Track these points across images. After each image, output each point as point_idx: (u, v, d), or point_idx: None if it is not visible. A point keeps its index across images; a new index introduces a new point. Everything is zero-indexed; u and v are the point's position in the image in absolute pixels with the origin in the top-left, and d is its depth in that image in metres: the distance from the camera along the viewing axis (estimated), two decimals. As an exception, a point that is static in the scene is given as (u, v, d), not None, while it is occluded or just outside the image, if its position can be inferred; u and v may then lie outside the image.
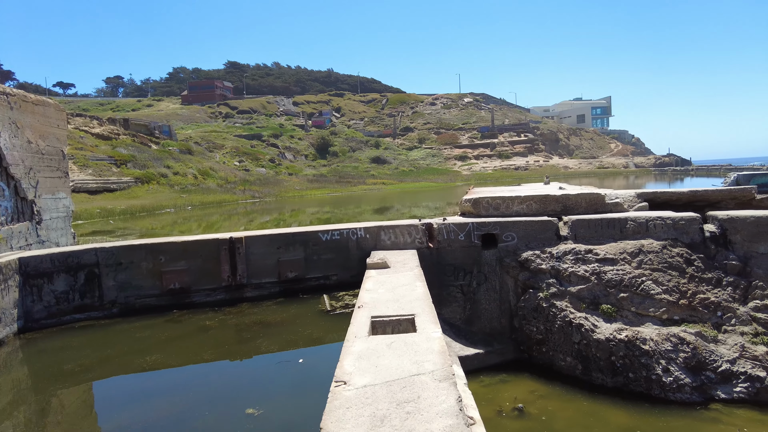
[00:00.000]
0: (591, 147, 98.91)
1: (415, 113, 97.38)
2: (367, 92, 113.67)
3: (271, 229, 8.23)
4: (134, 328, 6.32)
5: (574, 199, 8.26)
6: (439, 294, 7.72)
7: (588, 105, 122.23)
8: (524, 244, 7.69)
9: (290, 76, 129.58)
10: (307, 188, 55.70)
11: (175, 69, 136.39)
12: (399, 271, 6.12)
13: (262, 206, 40.27)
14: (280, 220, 29.92)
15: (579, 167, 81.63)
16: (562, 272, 7.21)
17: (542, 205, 8.31)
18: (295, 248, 7.73)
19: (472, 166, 76.33)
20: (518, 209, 8.36)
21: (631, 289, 6.86)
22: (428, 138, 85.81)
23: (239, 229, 26.09)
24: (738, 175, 16.92)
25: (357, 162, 73.97)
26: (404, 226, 7.96)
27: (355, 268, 7.88)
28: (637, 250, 7.19)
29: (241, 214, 35.34)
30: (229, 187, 53.34)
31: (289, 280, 7.69)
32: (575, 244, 7.47)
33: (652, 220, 7.44)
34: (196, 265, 7.49)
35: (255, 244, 7.61)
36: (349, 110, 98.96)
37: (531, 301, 7.28)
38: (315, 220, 28.87)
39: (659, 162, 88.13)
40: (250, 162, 69.14)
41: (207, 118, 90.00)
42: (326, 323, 6.23)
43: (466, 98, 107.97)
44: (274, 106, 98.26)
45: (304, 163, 73.78)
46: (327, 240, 7.82)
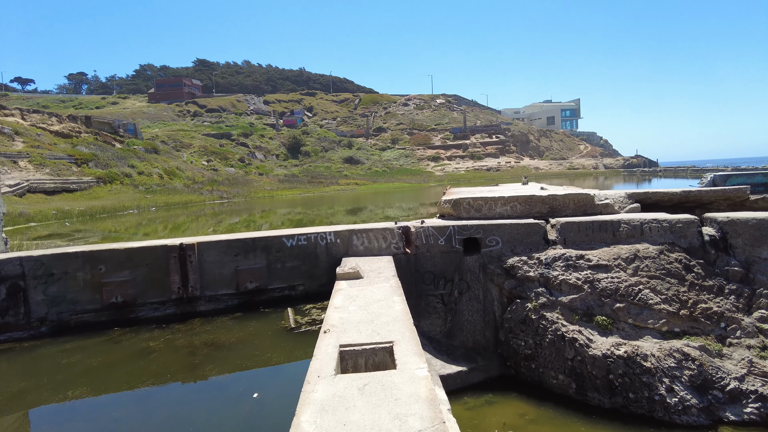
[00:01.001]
0: (561, 148, 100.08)
1: (387, 114, 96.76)
2: (339, 92, 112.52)
3: (229, 233, 7.34)
4: (62, 352, 5.36)
5: (561, 200, 7.63)
6: (418, 304, 6.98)
7: (558, 107, 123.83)
8: (510, 249, 7.01)
9: (261, 75, 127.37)
10: (277, 188, 54.43)
11: (142, 66, 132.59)
12: (373, 283, 5.35)
13: (231, 207, 38.95)
14: (250, 221, 28.79)
15: (550, 168, 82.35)
16: (551, 280, 6.55)
17: (527, 206, 7.65)
18: (255, 255, 6.87)
19: (444, 167, 76.12)
20: (502, 211, 7.68)
21: (628, 298, 6.24)
22: (401, 138, 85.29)
23: (207, 230, 24.93)
24: (714, 175, 16.56)
25: (329, 162, 72.89)
26: (379, 230, 7.19)
27: (323, 276, 7.07)
28: (633, 255, 6.59)
29: (209, 215, 34.01)
30: (196, 187, 51.67)
31: (248, 291, 6.83)
32: (565, 249, 6.82)
33: (647, 223, 6.85)
34: (141, 276, 6.55)
35: (209, 251, 6.73)
36: (322, 110, 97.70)
37: (518, 312, 6.60)
38: (286, 221, 27.86)
39: (627, 163, 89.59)
40: (219, 161, 67.39)
41: (174, 117, 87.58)
42: (289, 344, 5.40)
43: (439, 99, 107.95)
44: (245, 104, 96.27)
45: (275, 163, 72.32)
46: (292, 246, 6.98)
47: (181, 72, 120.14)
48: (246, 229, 25.04)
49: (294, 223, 26.24)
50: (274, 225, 26.20)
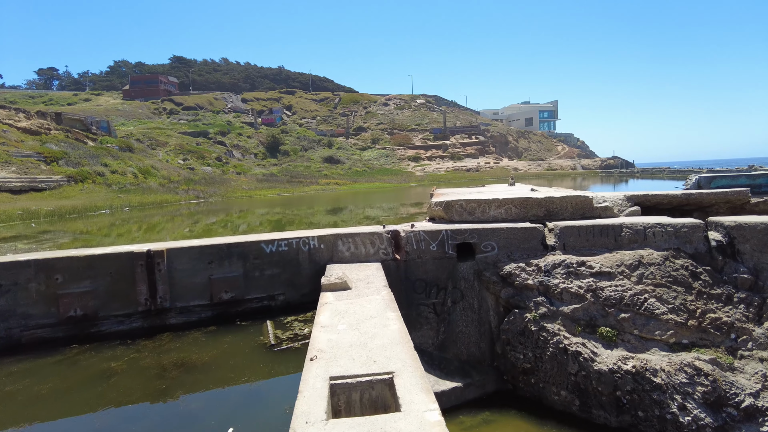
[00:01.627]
0: (539, 149, 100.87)
1: (368, 113, 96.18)
2: (319, 91, 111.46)
3: (202, 238, 6.73)
4: (7, 376, 4.69)
5: (558, 203, 7.22)
6: (408, 314, 6.48)
7: (536, 108, 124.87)
8: (506, 254, 6.56)
9: (239, 73, 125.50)
10: (255, 188, 53.44)
11: (116, 62, 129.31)
12: (363, 294, 4.83)
13: (207, 207, 37.94)
14: (227, 222, 27.96)
15: (528, 169, 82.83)
16: (552, 289, 6.12)
17: (523, 209, 7.22)
18: (231, 262, 6.29)
19: (425, 167, 75.89)
20: (496, 214, 7.23)
21: (633, 308, 5.84)
22: (381, 138, 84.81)
23: (183, 231, 24.09)
24: (699, 177, 16.36)
25: (309, 161, 72.00)
26: (366, 234, 6.67)
27: (306, 285, 6.52)
28: (636, 262, 6.19)
29: (185, 215, 33.01)
30: (171, 186, 50.40)
31: (223, 302, 6.24)
32: (565, 255, 6.40)
33: (651, 228, 6.47)
34: (104, 286, 5.91)
35: (180, 258, 6.11)
36: (301, 108, 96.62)
37: (516, 322, 6.15)
38: (265, 222, 27.12)
39: (605, 164, 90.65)
40: (195, 160, 66.02)
41: (150, 114, 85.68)
42: (268, 365, 4.84)
43: (419, 99, 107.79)
44: (222, 102, 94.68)
45: (253, 162, 71.17)
46: (272, 252, 6.41)
47: (158, 69, 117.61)
48: (223, 230, 24.26)
49: (272, 224, 25.54)
50: (252, 226, 25.45)
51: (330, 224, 23.91)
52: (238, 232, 22.11)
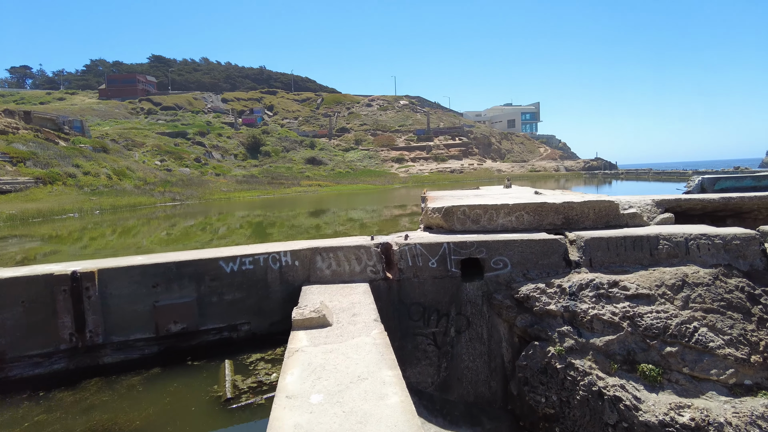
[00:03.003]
0: (522, 151, 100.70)
1: (351, 114, 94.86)
2: (301, 91, 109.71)
3: (146, 254, 5.44)
4: None
5: (579, 209, 6.09)
6: (402, 347, 5.29)
7: (518, 110, 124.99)
8: (521, 273, 5.41)
9: (220, 73, 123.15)
10: (235, 190, 51.80)
11: (93, 61, 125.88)
12: (347, 335, 3.61)
13: (184, 210, 36.30)
14: (206, 224, 26.49)
15: (512, 170, 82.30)
16: (579, 316, 4.98)
17: (537, 216, 6.08)
18: (182, 285, 5.02)
19: (409, 169, 74.86)
20: (505, 222, 6.08)
21: (681, 340, 4.73)
22: (365, 139, 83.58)
23: (159, 235, 22.59)
24: (703, 178, 15.42)
25: (291, 162, 70.43)
26: (350, 248, 5.45)
27: (276, 312, 5.29)
28: (680, 281, 5.09)
29: (161, 218, 31.35)
30: (147, 188, 48.53)
31: (172, 335, 4.97)
32: (593, 274, 5.27)
33: (694, 240, 5.38)
34: (14, 318, 4.60)
35: (117, 281, 4.83)
36: (283, 109, 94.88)
37: (536, 357, 4.99)
38: (245, 224, 25.72)
39: (588, 165, 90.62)
40: (173, 161, 64.06)
41: (127, 114, 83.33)
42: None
43: (402, 101, 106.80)
44: (202, 102, 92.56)
45: (233, 163, 69.38)
46: (233, 271, 5.16)
47: (136, 68, 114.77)
48: (201, 233, 22.80)
49: (252, 227, 24.18)
50: (232, 228, 24.06)
51: (312, 227, 22.62)
52: (217, 237, 20.71)
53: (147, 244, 19.02)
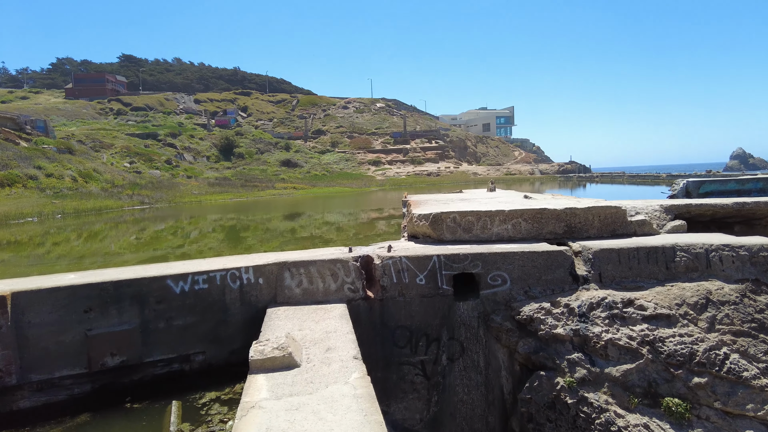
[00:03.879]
0: (497, 154, 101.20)
1: (327, 116, 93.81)
2: (276, 92, 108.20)
3: (79, 272, 4.55)
4: None
5: (582, 216, 5.41)
6: (386, 378, 4.51)
7: (493, 114, 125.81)
8: (522, 290, 4.69)
9: (193, 73, 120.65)
10: (207, 192, 50.32)
11: (59, 60, 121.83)
12: (319, 384, 2.81)
13: (153, 213, 34.84)
14: (177, 228, 25.30)
15: (488, 173, 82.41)
16: (592, 341, 4.28)
17: (537, 224, 5.38)
18: (121, 309, 4.15)
19: (385, 171, 74.22)
20: (500, 231, 5.37)
21: (711, 369, 4.07)
22: (341, 142, 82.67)
23: (129, 239, 21.36)
24: (687, 181, 14.99)
25: (265, 165, 69.03)
26: (325, 262, 4.65)
27: (236, 339, 4.45)
28: (703, 300, 4.44)
29: (129, 222, 29.88)
30: (115, 191, 46.73)
31: (109, 370, 4.09)
32: (604, 291, 4.59)
33: (716, 251, 4.74)
34: None
35: (38, 306, 3.94)
36: (257, 110, 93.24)
37: (542, 390, 4.28)
38: (218, 228, 24.62)
39: (563, 169, 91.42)
40: (143, 163, 62.09)
41: (95, 115, 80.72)
42: None
43: (379, 103, 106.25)
44: (174, 103, 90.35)
45: (205, 165, 67.65)
46: (184, 292, 4.31)
47: (105, 68, 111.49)
48: (172, 235, 21.63)
49: (225, 231, 23.13)
50: (204, 233, 22.96)
51: (287, 230, 21.70)
52: (189, 242, 19.61)
53: (115, 249, 17.83)
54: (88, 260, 15.11)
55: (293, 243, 17.39)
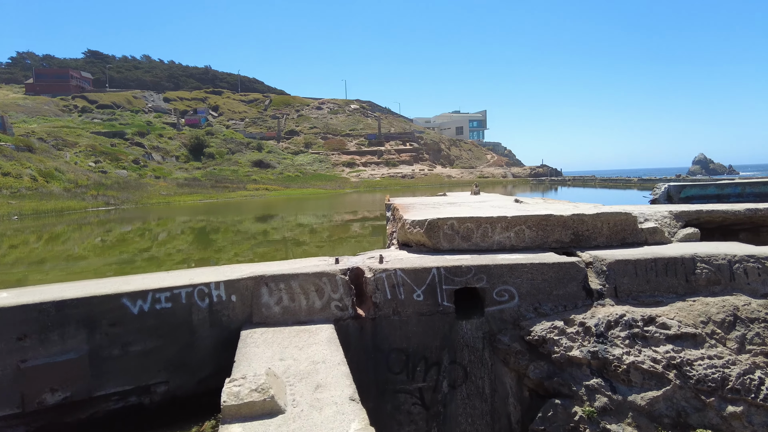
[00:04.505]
0: (470, 157, 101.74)
1: (300, 116, 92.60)
2: (248, 92, 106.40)
3: (7, 290, 3.83)
4: None
5: (591, 223, 4.94)
6: (379, 408, 3.93)
7: (466, 118, 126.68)
8: (531, 306, 4.18)
9: (162, 71, 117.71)
10: (175, 193, 48.82)
11: (19, 54, 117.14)
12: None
13: (118, 215, 33.42)
14: (145, 230, 24.18)
15: (462, 176, 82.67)
16: (612, 364, 3.80)
17: (542, 231, 4.89)
18: (65, 335, 3.48)
19: (360, 173, 73.58)
20: (502, 239, 4.86)
21: (746, 396, 3.63)
22: (315, 143, 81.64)
23: (93, 241, 20.22)
24: (669, 186, 14.78)
25: (237, 165, 67.55)
26: (309, 276, 4.05)
27: (206, 365, 3.81)
28: (731, 317, 4.01)
29: (94, 224, 28.50)
30: (78, 192, 44.87)
31: (48, 408, 3.40)
32: (622, 307, 4.11)
33: (740, 262, 4.32)
34: None
35: (-43, 333, 3.24)
36: (229, 109, 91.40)
37: (558, 420, 3.77)
38: (187, 230, 23.63)
39: (534, 172, 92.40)
40: (109, 163, 59.97)
41: (58, 112, 77.78)
42: None
43: (353, 105, 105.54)
44: (142, 101, 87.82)
45: (174, 165, 65.81)
46: (144, 312, 3.65)
47: (69, 63, 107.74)
48: (140, 237, 20.54)
49: (195, 233, 22.17)
50: (173, 234, 21.97)
51: (259, 232, 20.89)
52: (157, 244, 18.60)
53: (79, 252, 16.71)
54: (48, 264, 14.11)
55: (265, 245, 16.67)
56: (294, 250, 15.38)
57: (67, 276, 11.38)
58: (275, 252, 14.96)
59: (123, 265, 13.60)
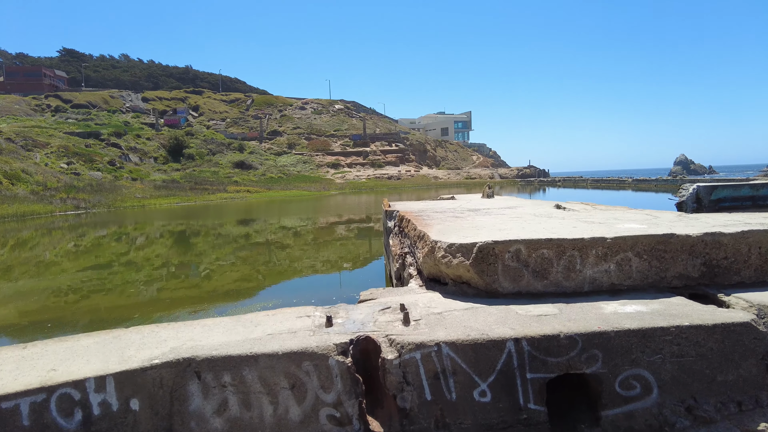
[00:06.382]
0: (456, 159, 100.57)
1: (283, 116, 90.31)
2: (229, 92, 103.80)
3: None
4: None
5: (731, 247, 3.10)
6: None
7: (451, 119, 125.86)
8: (681, 403, 2.31)
9: (141, 70, 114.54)
10: (152, 196, 46.39)
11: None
12: None
13: (89, 219, 30.91)
14: (121, 234, 21.93)
15: (448, 177, 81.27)
16: None
17: (657, 261, 3.03)
18: None
19: (345, 174, 71.62)
20: (597, 274, 2.99)
21: None
22: (298, 143, 79.47)
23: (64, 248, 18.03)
24: (698, 186, 12.78)
25: (217, 167, 65.12)
26: (277, 359, 2.14)
27: None
28: None
29: (65, 228, 26.04)
30: (47, 194, 42.24)
31: None
32: None
33: None
34: None
35: None
36: (209, 109, 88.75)
37: None
38: (166, 233, 21.51)
39: (521, 173, 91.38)
40: (83, 164, 57.19)
41: (30, 111, 74.67)
42: None
43: (337, 105, 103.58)
44: (119, 101, 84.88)
45: (152, 167, 63.19)
46: None
47: (43, 62, 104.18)
48: (116, 241, 18.36)
49: (174, 237, 20.05)
50: (151, 238, 19.82)
51: (240, 236, 18.89)
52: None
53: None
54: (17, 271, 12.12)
55: (248, 249, 14.69)
56: (278, 253, 13.64)
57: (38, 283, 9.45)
58: (257, 256, 13.24)
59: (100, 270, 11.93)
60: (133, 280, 10.49)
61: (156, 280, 10.63)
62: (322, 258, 12.18)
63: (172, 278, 10.86)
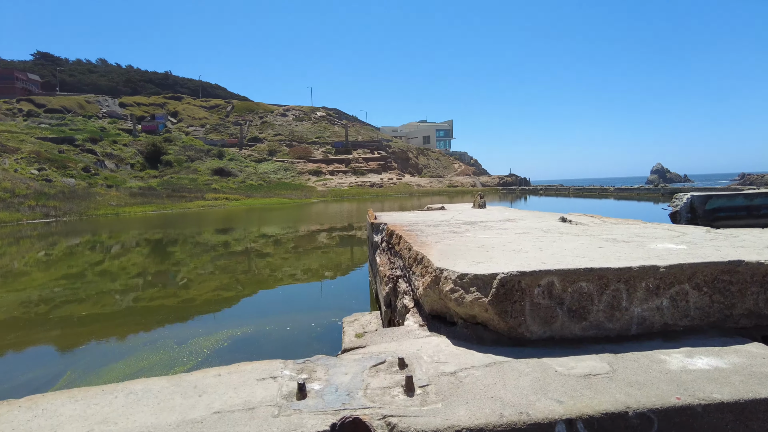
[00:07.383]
0: (437, 167, 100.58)
1: (264, 123, 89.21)
2: (209, 98, 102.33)
3: None
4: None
5: (808, 276, 2.48)
6: None
7: (433, 127, 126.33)
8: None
9: (119, 75, 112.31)
10: (126, 204, 44.99)
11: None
12: None
13: (61, 227, 29.57)
14: (96, 242, 20.80)
15: (431, 185, 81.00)
16: None
17: (720, 294, 2.39)
18: None
19: (327, 182, 70.80)
20: (647, 312, 2.33)
21: None
22: (279, 150, 78.46)
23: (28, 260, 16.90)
24: (692, 196, 12.42)
25: (196, 173, 63.76)
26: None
27: None
28: None
29: (34, 237, 24.70)
30: (14, 202, 40.61)
31: None
32: None
33: None
34: None
35: None
36: (189, 116, 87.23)
37: None
38: (143, 242, 20.45)
39: (503, 181, 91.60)
40: (55, 171, 55.41)
41: (0, 116, 72.60)
42: None
43: (319, 112, 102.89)
44: (96, 106, 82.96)
45: (128, 174, 61.58)
46: None
47: (17, 65, 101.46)
48: (90, 249, 17.27)
49: (150, 246, 19.04)
50: (127, 246, 18.76)
51: (220, 244, 17.98)
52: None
53: None
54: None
55: (226, 257, 13.84)
56: (257, 261, 12.90)
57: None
58: (236, 264, 12.49)
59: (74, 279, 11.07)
60: (108, 290, 9.73)
61: (131, 289, 9.85)
62: (303, 266, 11.46)
63: (148, 287, 10.11)
